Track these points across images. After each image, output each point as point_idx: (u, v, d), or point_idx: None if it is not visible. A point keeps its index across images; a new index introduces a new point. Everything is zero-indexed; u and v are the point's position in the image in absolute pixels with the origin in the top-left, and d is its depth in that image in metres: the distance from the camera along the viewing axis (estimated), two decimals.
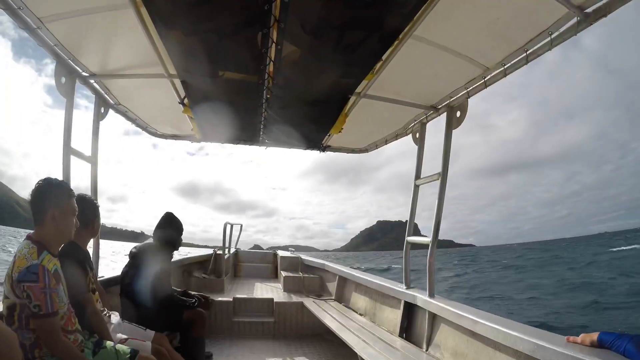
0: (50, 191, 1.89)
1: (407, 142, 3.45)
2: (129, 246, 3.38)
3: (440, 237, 3.05)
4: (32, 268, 1.69)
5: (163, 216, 3.41)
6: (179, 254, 5.57)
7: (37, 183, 1.90)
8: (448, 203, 3.00)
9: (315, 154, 4.19)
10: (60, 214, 1.88)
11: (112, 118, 3.44)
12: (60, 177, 2.43)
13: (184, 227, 3.47)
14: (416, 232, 3.39)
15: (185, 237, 3.50)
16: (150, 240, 3.28)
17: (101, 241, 3.13)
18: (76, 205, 2.01)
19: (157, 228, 3.34)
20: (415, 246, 3.38)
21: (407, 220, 3.40)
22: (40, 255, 1.76)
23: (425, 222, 3.11)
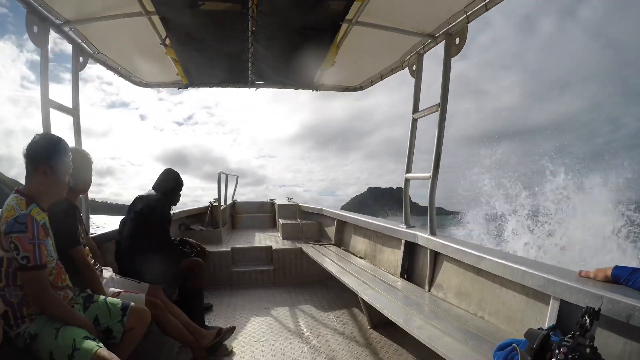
0: (46, 147, 1.82)
1: (399, 110, 3.32)
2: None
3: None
4: (20, 218, 1.63)
5: (163, 171, 3.32)
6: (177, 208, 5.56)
7: (34, 137, 1.83)
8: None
9: (303, 116, 4.04)
10: (54, 170, 1.81)
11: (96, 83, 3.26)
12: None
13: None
14: (413, 206, 3.29)
15: (175, 207, 3.45)
16: (151, 192, 3.23)
17: (93, 216, 3.07)
18: (71, 163, 1.93)
19: (157, 181, 3.27)
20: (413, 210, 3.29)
21: (398, 187, 3.33)
22: (29, 207, 1.70)
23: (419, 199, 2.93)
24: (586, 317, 1.25)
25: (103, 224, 3.63)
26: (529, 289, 1.97)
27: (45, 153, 1.80)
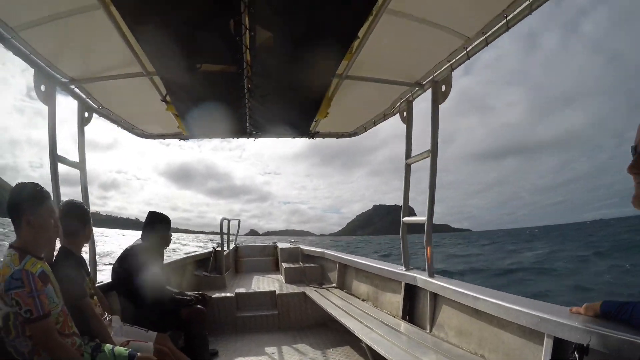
0: (22, 196, 1.85)
1: (400, 124, 3.42)
2: (127, 233, 3.37)
3: (437, 221, 3.05)
4: (15, 274, 1.68)
5: (147, 215, 3.39)
6: (181, 252, 5.57)
7: (12, 188, 1.89)
8: (443, 188, 3.00)
9: (306, 139, 4.16)
10: (36, 218, 1.84)
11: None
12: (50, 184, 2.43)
13: (179, 213, 3.48)
14: (412, 215, 3.35)
15: (180, 223, 3.52)
16: (139, 242, 3.27)
17: (98, 229, 3.11)
18: (52, 206, 1.97)
19: (144, 228, 3.33)
20: (413, 229, 3.35)
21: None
22: (23, 260, 1.74)
23: (421, 206, 3.10)
24: (576, 354, 1.30)
25: (108, 235, 3.65)
26: (525, 327, 2.01)
27: (24, 202, 1.84)
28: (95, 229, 2.81)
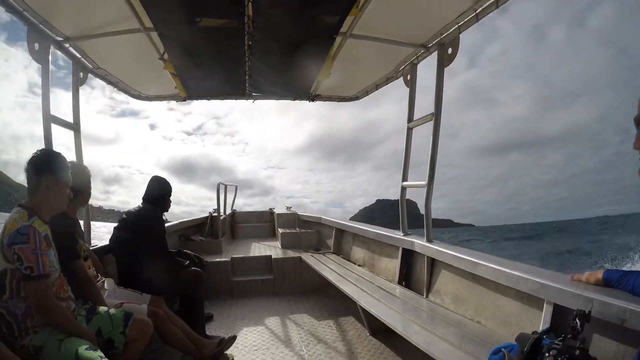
0: (47, 161, 1.89)
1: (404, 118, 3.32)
2: None
3: (439, 216, 3.02)
4: (22, 229, 1.68)
5: (150, 180, 3.36)
6: (177, 219, 5.58)
7: (35, 153, 1.89)
8: (446, 183, 2.96)
9: (311, 127, 4.10)
10: (54, 185, 1.87)
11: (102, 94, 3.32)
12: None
13: (181, 207, 3.45)
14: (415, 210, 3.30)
15: (183, 217, 3.46)
16: (141, 205, 3.26)
17: (101, 224, 3.11)
18: (70, 177, 1.99)
19: (146, 191, 3.31)
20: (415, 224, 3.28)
21: (407, 199, 3.36)
22: (31, 219, 1.74)
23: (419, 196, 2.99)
24: (577, 320, 1.25)
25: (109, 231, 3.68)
26: (524, 294, 1.99)
27: (48, 167, 1.86)
28: (98, 223, 2.77)
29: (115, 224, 3.17)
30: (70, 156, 2.91)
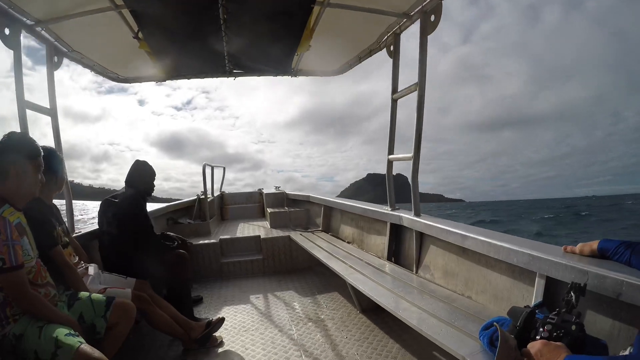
0: (13, 146, 1.78)
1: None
2: None
3: (430, 191, 2.97)
4: None
5: (133, 165, 3.31)
6: (166, 194, 5.54)
7: (2, 137, 1.78)
8: (438, 158, 2.90)
9: (301, 100, 4.00)
10: (24, 170, 1.78)
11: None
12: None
13: (172, 183, 3.39)
14: (407, 184, 3.23)
15: (174, 193, 3.41)
16: (123, 190, 3.21)
17: (95, 202, 3.05)
18: (42, 161, 1.91)
19: (127, 175, 3.26)
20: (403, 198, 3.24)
21: (397, 173, 3.31)
22: (1, 208, 1.67)
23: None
24: (572, 293, 1.20)
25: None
26: (515, 267, 1.94)
27: (13, 153, 1.77)
28: (89, 202, 2.70)
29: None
30: (48, 142, 2.87)
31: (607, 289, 1.36)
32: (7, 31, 2.41)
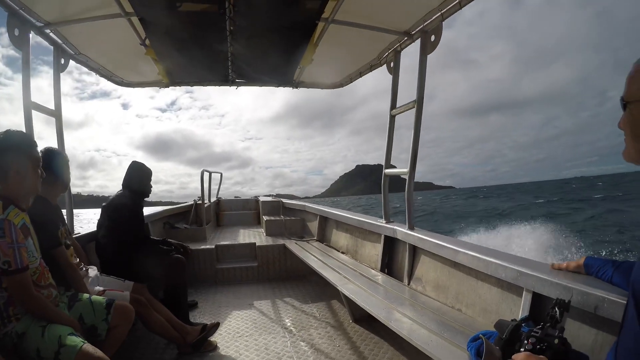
0: (11, 144, 1.77)
1: (381, 79, 3.36)
2: None
3: (419, 179, 3.02)
4: None
5: (130, 166, 3.34)
6: (157, 197, 5.57)
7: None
8: (425, 146, 2.96)
9: (285, 94, 4.07)
10: (24, 167, 1.79)
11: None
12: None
13: (160, 186, 3.42)
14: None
15: (163, 196, 3.43)
16: (120, 191, 3.25)
17: (82, 210, 3.08)
18: (39, 155, 1.91)
19: (124, 178, 3.29)
20: (397, 187, 3.29)
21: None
22: (6, 210, 1.68)
23: (404, 164, 3.07)
24: (556, 309, 1.24)
25: (91, 219, 3.64)
26: (503, 282, 2.01)
27: (12, 151, 1.77)
28: (77, 211, 2.75)
29: (97, 209, 3.16)
30: (52, 143, 2.91)
31: (590, 304, 1.43)
32: (16, 32, 2.45)
